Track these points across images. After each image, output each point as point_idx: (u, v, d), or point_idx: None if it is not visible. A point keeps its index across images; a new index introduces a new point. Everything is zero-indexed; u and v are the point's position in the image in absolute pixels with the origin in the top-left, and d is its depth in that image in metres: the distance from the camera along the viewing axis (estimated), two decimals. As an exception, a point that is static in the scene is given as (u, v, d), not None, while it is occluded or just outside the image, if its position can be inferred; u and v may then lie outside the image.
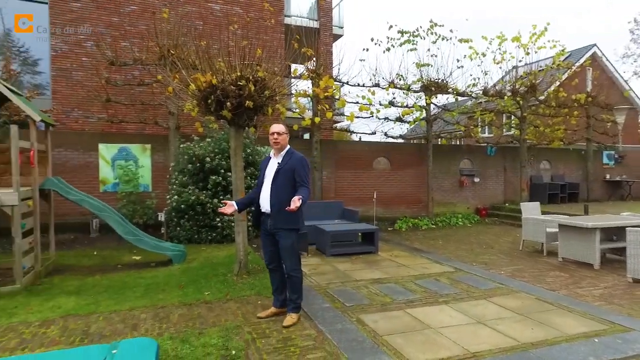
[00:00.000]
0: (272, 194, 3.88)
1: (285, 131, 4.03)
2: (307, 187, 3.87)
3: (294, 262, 3.97)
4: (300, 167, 3.91)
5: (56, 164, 8.11)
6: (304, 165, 3.96)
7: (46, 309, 4.32)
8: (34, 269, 5.54)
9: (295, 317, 3.96)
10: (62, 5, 10.50)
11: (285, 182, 3.87)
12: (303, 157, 4.04)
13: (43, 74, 11.15)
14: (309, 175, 4.02)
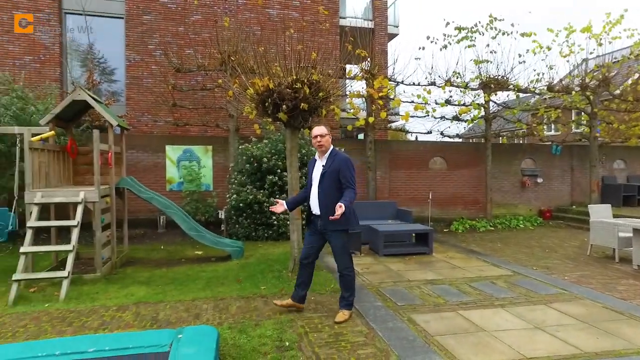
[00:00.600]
0: (319, 197, 3.97)
1: (327, 132, 4.04)
2: (353, 188, 3.89)
3: (346, 261, 4.04)
4: (345, 167, 3.93)
5: (129, 165, 8.84)
6: (349, 165, 3.96)
7: (121, 296, 4.77)
8: (111, 259, 6.12)
9: (347, 314, 4.04)
10: (135, 19, 11.39)
11: (331, 184, 3.93)
12: (347, 158, 4.04)
13: (118, 81, 12.14)
14: (354, 175, 3.99)
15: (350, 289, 4.10)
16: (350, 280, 4.10)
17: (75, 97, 5.84)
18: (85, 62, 11.72)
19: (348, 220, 3.92)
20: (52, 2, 11.02)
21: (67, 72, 11.20)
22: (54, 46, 11.05)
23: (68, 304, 4.50)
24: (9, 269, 5.77)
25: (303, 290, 4.19)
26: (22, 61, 10.83)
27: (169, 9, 11.57)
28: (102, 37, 11.66)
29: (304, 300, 4.23)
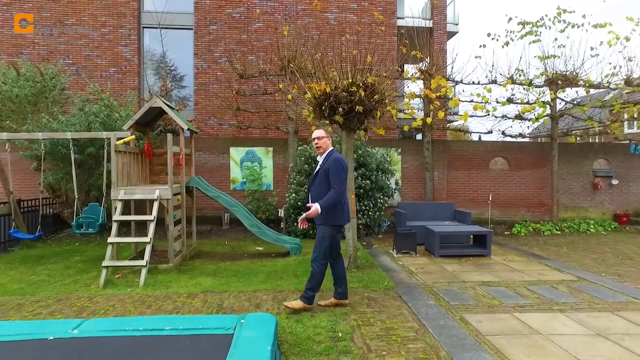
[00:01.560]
0: (312, 193, 4.29)
1: (324, 135, 4.30)
2: (336, 188, 4.09)
3: (319, 253, 4.22)
4: (333, 167, 4.13)
5: (197, 165, 9.54)
6: (337, 165, 4.13)
7: (191, 285, 5.25)
8: (181, 252, 6.70)
9: (300, 305, 4.15)
10: (203, 30, 12.22)
11: (321, 182, 4.20)
12: (337, 158, 4.21)
13: (187, 87, 13.06)
14: (341, 175, 4.13)
15: (312, 283, 4.19)
16: (315, 273, 4.19)
17: (152, 105, 6.49)
18: (159, 71, 12.77)
19: (333, 216, 4.17)
20: (133, 19, 12.14)
21: (144, 81, 12.27)
22: (133, 58, 12.16)
23: (146, 290, 5.05)
24: (99, 257, 6.55)
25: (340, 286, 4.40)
26: (108, 73, 12.04)
27: (233, 19, 12.27)
28: (174, 48, 12.63)
29: (345, 296, 4.42)
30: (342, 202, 4.21)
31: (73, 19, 12.01)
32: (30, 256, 6.93)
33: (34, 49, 11.83)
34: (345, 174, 4.21)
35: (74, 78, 11.15)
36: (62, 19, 11.98)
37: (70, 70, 11.39)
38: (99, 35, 12.08)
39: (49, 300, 4.69)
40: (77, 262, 6.59)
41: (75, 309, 4.38)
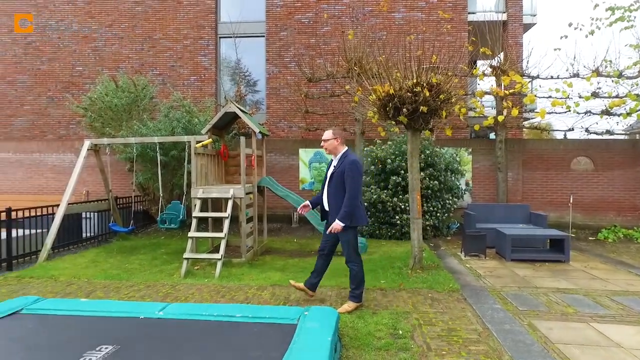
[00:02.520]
0: (328, 196, 4.32)
1: (330, 137, 4.30)
2: (351, 194, 4.09)
3: (351, 254, 4.28)
4: (349, 170, 4.12)
5: (268, 166, 10.03)
6: (352, 169, 4.12)
7: (261, 279, 5.59)
8: (253, 248, 7.12)
9: (352, 305, 4.26)
10: (274, 36, 12.79)
11: (337, 185, 4.21)
12: (353, 161, 4.18)
13: (260, 92, 13.73)
14: (355, 179, 4.13)
15: (355, 282, 4.30)
16: (354, 273, 4.29)
17: (227, 110, 6.99)
18: (234, 77, 13.58)
19: (351, 219, 4.17)
20: (211, 31, 13.06)
21: (220, 87, 13.13)
22: (211, 66, 13.08)
23: (221, 281, 5.48)
24: (181, 250, 7.21)
25: (315, 278, 4.52)
26: (189, 81, 13.08)
27: (302, 24, 12.67)
28: (247, 55, 13.36)
29: (314, 288, 4.56)
30: (358, 205, 4.23)
31: (160, 34, 13.20)
32: (125, 247, 7.80)
33: (128, 63, 13.20)
34: (361, 178, 4.27)
35: (160, 87, 12.25)
36: (151, 34, 13.23)
37: (157, 80, 12.54)
38: (182, 47, 13.15)
39: (140, 286, 5.30)
40: (163, 254, 7.30)
41: (161, 295, 4.91)
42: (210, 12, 13.10)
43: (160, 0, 13.22)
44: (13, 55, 13.74)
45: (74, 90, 13.27)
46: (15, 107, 13.78)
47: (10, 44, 13.75)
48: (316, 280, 4.57)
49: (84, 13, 13.51)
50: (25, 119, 13.74)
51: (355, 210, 4.18)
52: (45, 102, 13.63)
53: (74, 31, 13.52)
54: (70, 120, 13.35)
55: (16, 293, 4.98)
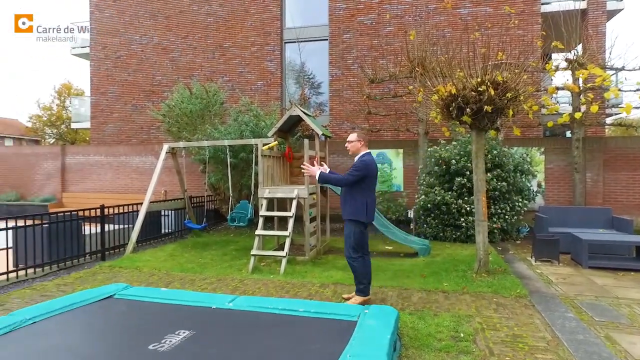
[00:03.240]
0: (342, 191, 4.69)
1: (354, 139, 4.63)
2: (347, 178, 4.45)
3: (348, 249, 4.50)
4: (356, 164, 4.51)
5: (331, 167, 10.18)
6: (357, 163, 4.50)
7: (323, 277, 5.76)
8: (316, 247, 7.33)
9: (358, 299, 4.47)
10: (337, 39, 12.98)
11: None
12: (362, 160, 4.52)
13: (323, 94, 13.99)
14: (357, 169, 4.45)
15: (357, 277, 4.50)
16: (355, 268, 4.50)
17: (291, 113, 7.27)
18: (298, 81, 13.98)
19: (355, 213, 4.44)
20: (276, 37, 13.57)
21: (285, 91, 13.60)
22: (277, 71, 13.59)
23: (285, 277, 5.74)
24: (248, 247, 7.61)
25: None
26: (256, 86, 13.70)
27: (365, 26, 12.73)
28: (311, 59, 13.68)
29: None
30: (365, 202, 4.45)
31: (229, 43, 13.98)
32: (198, 243, 8.40)
33: (201, 71, 14.13)
34: (361, 173, 4.44)
35: (230, 93, 12.96)
36: (221, 43, 14.05)
37: (227, 86, 13.29)
38: (249, 54, 13.81)
39: (211, 279, 5.71)
40: (232, 250, 7.75)
41: (230, 288, 5.26)
42: (276, 19, 13.61)
43: (230, 11, 13.99)
44: (105, 69, 15.32)
45: (154, 98, 14.48)
46: (106, 115, 15.34)
47: (104, 59, 15.34)
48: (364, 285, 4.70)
49: (163, 27, 14.69)
50: (114, 125, 15.24)
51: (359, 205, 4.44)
52: (130, 109, 15.02)
53: (155, 44, 14.76)
54: (150, 126, 14.58)
55: (109, 280, 5.61)
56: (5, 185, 15.02)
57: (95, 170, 14.01)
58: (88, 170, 14.08)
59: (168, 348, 3.09)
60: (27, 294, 5.13)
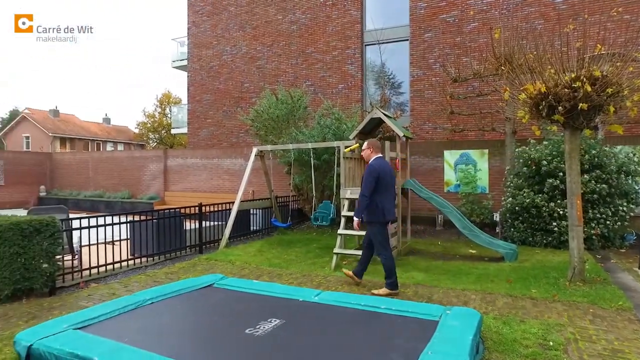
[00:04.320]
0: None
1: (365, 147, 5.32)
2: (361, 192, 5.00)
3: (378, 247, 5.05)
4: (365, 173, 5.10)
5: (411, 168, 10.15)
6: (366, 174, 5.05)
7: (404, 277, 5.82)
8: (397, 248, 7.38)
9: (385, 291, 4.94)
10: (418, 39, 12.83)
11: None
12: (370, 166, 5.10)
13: (404, 94, 13.90)
14: (368, 180, 4.97)
15: (387, 272, 4.96)
16: (385, 264, 4.97)
17: (372, 116, 7.43)
18: (379, 82, 14.05)
19: (374, 214, 4.97)
20: (357, 40, 13.80)
21: (365, 94, 13.76)
22: (357, 74, 13.81)
23: (366, 276, 5.88)
24: (330, 245, 7.91)
25: (360, 266, 5.36)
26: (337, 89, 14.06)
27: (447, 23, 12.42)
28: (391, 60, 13.67)
29: (360, 275, 5.34)
30: (375, 202, 4.96)
31: (312, 48, 14.51)
32: (283, 240, 8.91)
33: (285, 77, 14.85)
34: (373, 179, 4.95)
35: (312, 97, 13.46)
36: (304, 49, 14.64)
37: (310, 90, 13.81)
38: (331, 58, 14.21)
39: (297, 275, 6.08)
40: (315, 248, 8.11)
41: (315, 283, 5.57)
42: (356, 23, 13.83)
43: (312, 18, 14.52)
44: (200, 79, 16.80)
45: (242, 104, 15.53)
46: (201, 120, 16.81)
47: (199, 70, 16.84)
48: (361, 268, 5.37)
49: (251, 37, 15.70)
50: (207, 130, 16.64)
51: (372, 207, 4.96)
52: (222, 115, 16.28)
53: (243, 53, 15.83)
54: (239, 130, 15.67)
55: (207, 271, 6.25)
56: (120, 185, 17.18)
57: (192, 172, 15.44)
58: (186, 172, 15.57)
59: (262, 333, 3.44)
60: (142, 279, 5.93)
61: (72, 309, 4.53)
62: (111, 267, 6.30)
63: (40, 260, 4.87)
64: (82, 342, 3.11)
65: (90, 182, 18.29)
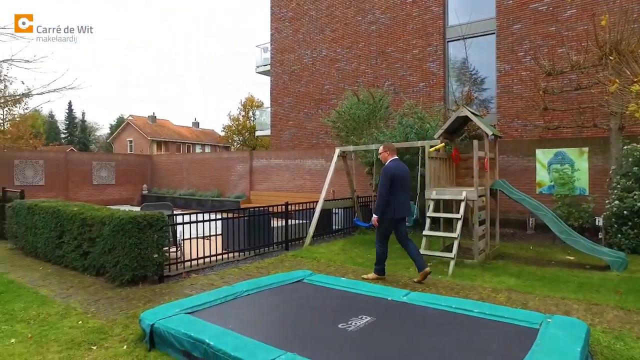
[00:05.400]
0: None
1: (381, 151, 5.90)
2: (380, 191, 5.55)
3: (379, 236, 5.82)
4: (381, 175, 5.63)
5: (500, 168, 9.62)
6: (382, 176, 5.59)
7: (495, 282, 5.58)
8: (484, 251, 7.09)
9: (372, 275, 5.83)
10: (505, 31, 12.12)
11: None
12: (385, 168, 5.64)
13: (489, 90, 13.20)
14: (383, 183, 5.51)
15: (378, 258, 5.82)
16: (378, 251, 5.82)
17: (459, 114, 7.20)
18: (462, 80, 13.51)
19: (385, 212, 5.57)
20: (439, 36, 13.41)
21: (448, 91, 13.32)
22: (439, 71, 13.42)
23: (454, 279, 5.76)
24: (412, 246, 7.83)
25: (416, 260, 5.68)
26: (417, 87, 13.79)
27: (539, 12, 11.57)
28: (475, 55, 13.08)
29: (421, 267, 5.56)
30: (390, 202, 5.48)
31: (392, 47, 14.39)
32: (365, 240, 8.98)
33: (365, 78, 14.91)
34: (388, 180, 5.46)
35: (392, 97, 13.35)
36: (383, 49, 14.57)
37: (390, 90, 13.71)
38: (411, 57, 13.97)
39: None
40: (397, 249, 7.85)
41: (401, 284, 5.56)
42: (438, 19, 13.44)
43: (392, 17, 14.40)
44: (282, 82, 17.50)
45: (322, 106, 15.89)
46: (283, 123, 17.50)
47: (281, 74, 17.56)
48: (417, 261, 5.66)
49: (330, 40, 16.00)
50: (289, 132, 17.27)
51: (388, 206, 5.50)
52: (302, 117, 16.79)
53: (323, 56, 16.19)
54: (319, 131, 16.04)
55: (294, 267, 6.53)
56: (210, 184, 18.51)
57: (275, 172, 16.15)
58: (270, 172, 16.32)
59: (354, 329, 3.54)
60: (236, 272, 6.38)
61: (179, 295, 5.03)
62: (208, 260, 6.85)
63: (152, 251, 5.47)
64: (193, 325, 3.46)
65: (184, 181, 19.93)
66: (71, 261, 6.26)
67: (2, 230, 8.75)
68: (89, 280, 5.78)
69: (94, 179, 19.36)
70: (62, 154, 19.93)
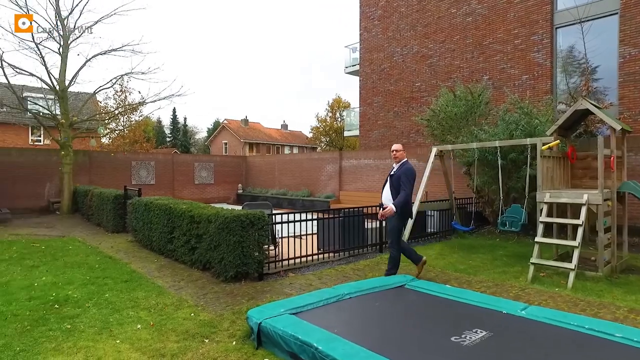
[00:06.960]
0: (384, 193, 5.72)
1: (401, 149, 5.74)
2: (405, 190, 5.39)
3: (393, 241, 5.57)
4: (404, 175, 5.46)
5: (628, 168, 8.38)
6: (407, 174, 5.46)
7: (630, 300, 4.82)
8: (611, 263, 6.19)
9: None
10: (632, 10, 10.55)
11: (393, 185, 5.54)
12: (409, 168, 5.53)
13: (600, 79, 11.60)
14: (409, 180, 5.44)
15: (391, 263, 5.56)
16: (393, 256, 5.56)
17: (577, 107, 6.38)
18: (575, 70, 12.08)
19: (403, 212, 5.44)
20: (545, 23, 12.15)
21: (556, 83, 12.00)
22: (545, 62, 12.15)
23: (575, 293, 5.09)
24: (519, 253, 7.17)
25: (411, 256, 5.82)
26: (520, 81, 12.65)
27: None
28: (590, 41, 11.59)
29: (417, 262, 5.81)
30: (409, 202, 5.51)
31: (490, 39, 13.40)
32: (463, 245, 8.43)
33: (459, 73, 14.09)
34: (413, 181, 5.50)
35: (490, 91, 12.40)
36: (480, 41, 13.63)
37: (488, 84, 12.76)
38: (512, 47, 12.86)
39: (488, 283, 5.64)
40: (502, 255, 7.42)
41: (512, 295, 5.06)
42: (545, 4, 12.20)
43: (490, 7, 13.41)
44: (371, 82, 17.31)
45: (414, 104, 15.37)
46: (372, 123, 17.29)
47: (370, 74, 17.37)
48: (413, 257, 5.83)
49: (422, 35, 15.41)
50: (378, 131, 17.01)
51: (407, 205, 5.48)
52: (392, 116, 16.42)
53: (414, 53, 15.66)
54: (410, 130, 15.54)
55: (391, 271, 6.31)
56: (301, 184, 18.97)
57: (364, 172, 16.01)
58: (359, 172, 16.23)
59: (470, 344, 3.25)
60: (332, 273, 6.34)
61: (279, 294, 5.12)
62: (304, 260, 6.92)
63: (253, 249, 5.65)
64: (299, 327, 3.44)
65: (276, 181, 20.69)
66: (181, 255, 6.74)
67: (124, 223, 9.79)
68: (197, 274, 6.16)
69: (196, 179, 20.95)
70: (170, 156, 21.91)
